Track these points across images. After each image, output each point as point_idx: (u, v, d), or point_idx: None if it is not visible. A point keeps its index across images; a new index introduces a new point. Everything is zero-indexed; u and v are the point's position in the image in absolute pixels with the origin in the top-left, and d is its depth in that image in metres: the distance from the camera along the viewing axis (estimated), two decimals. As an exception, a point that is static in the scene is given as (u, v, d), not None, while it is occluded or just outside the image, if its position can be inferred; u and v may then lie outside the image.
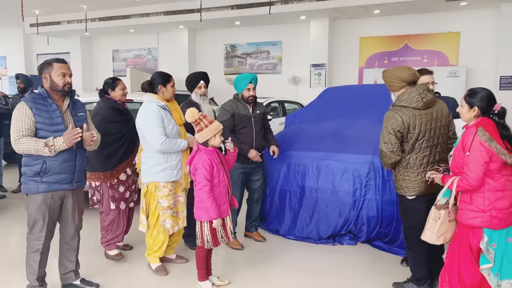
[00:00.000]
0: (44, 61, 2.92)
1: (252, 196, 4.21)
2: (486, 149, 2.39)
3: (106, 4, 12.27)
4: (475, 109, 2.52)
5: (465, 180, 2.45)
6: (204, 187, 2.94)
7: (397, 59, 11.92)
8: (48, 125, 2.80)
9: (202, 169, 2.95)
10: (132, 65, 15.05)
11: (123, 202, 3.79)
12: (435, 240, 2.65)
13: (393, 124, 2.85)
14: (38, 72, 2.91)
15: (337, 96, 5.46)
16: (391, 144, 2.86)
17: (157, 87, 3.45)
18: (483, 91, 2.54)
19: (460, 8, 10.72)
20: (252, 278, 3.48)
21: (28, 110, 2.74)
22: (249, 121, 3.96)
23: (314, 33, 12.13)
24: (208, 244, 3.06)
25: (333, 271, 3.59)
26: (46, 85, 2.85)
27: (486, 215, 2.44)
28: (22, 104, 2.77)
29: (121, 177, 3.75)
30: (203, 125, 3.00)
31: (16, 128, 2.72)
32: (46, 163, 2.79)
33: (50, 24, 14.16)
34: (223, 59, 14.11)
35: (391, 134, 2.86)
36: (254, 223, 4.29)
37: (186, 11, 12.23)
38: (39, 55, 17.15)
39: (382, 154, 2.97)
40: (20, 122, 2.72)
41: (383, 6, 10.59)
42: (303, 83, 12.56)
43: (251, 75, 3.98)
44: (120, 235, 3.86)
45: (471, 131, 2.48)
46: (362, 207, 3.98)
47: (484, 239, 2.44)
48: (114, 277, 3.49)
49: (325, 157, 4.20)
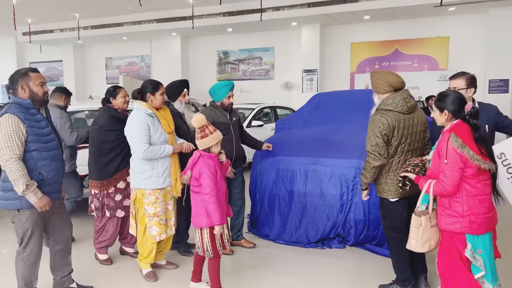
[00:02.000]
0: (17, 72, 2.80)
1: (235, 203, 4.18)
2: (459, 155, 2.36)
3: (98, 12, 12.33)
4: (446, 113, 2.50)
5: (441, 185, 2.43)
6: (212, 191, 2.93)
7: (388, 63, 12.05)
8: (40, 136, 2.77)
9: (209, 173, 2.94)
10: (125, 73, 15.10)
11: (121, 210, 3.76)
12: (420, 248, 2.61)
13: (380, 128, 2.90)
14: (11, 82, 2.76)
15: (325, 102, 5.54)
16: (379, 146, 2.91)
17: (146, 95, 3.49)
18: (452, 94, 2.52)
19: (448, 13, 10.88)
20: (243, 282, 3.51)
21: (20, 123, 2.66)
22: (229, 129, 3.97)
23: (305, 39, 12.25)
24: (208, 253, 3.04)
25: (322, 275, 3.62)
26: (25, 95, 2.75)
27: (465, 220, 2.40)
28: (11, 117, 2.64)
29: (119, 185, 3.74)
30: (208, 132, 3.02)
31: (9, 145, 2.61)
32: (43, 174, 2.77)
33: (43, 32, 14.21)
34: (216, 66, 14.19)
35: (379, 137, 2.91)
36: (239, 232, 4.28)
37: (178, 19, 12.32)
38: (32, 63, 17.15)
39: (369, 158, 2.97)
40: (12, 138, 2.62)
41: (373, 12, 10.72)
42: (295, 89, 12.66)
43: (230, 83, 4.01)
44: (109, 240, 3.85)
45: (445, 137, 2.46)
46: (349, 211, 4.03)
47: (468, 247, 2.41)
48: (108, 282, 3.50)
49: (313, 162, 4.25)
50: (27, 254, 2.86)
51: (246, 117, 8.59)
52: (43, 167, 2.77)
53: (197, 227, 3.07)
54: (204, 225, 3.01)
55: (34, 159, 2.74)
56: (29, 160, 2.73)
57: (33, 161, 2.74)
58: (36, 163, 2.75)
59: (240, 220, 4.26)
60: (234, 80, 13.44)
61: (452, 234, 2.48)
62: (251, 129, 7.66)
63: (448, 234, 2.51)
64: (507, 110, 10.11)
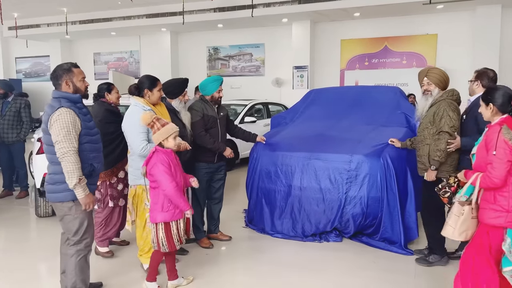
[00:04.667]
0: (60, 67, 2.86)
1: (215, 195, 4.23)
2: (510, 147, 2.35)
3: (87, 6, 12.16)
4: (491, 106, 2.54)
5: (488, 178, 2.42)
6: (171, 183, 2.97)
7: (377, 60, 12.18)
8: (89, 129, 2.88)
9: (161, 167, 2.98)
10: (114, 68, 14.95)
11: (122, 199, 3.93)
12: (457, 236, 2.63)
13: (456, 111, 3.37)
14: (55, 78, 2.83)
15: (320, 98, 5.60)
16: (455, 127, 3.34)
17: (143, 91, 3.48)
18: (499, 89, 2.56)
19: (437, 11, 11.03)
20: (240, 275, 3.55)
21: (76, 117, 2.76)
22: (216, 123, 4.04)
23: (296, 35, 12.29)
24: (163, 248, 3.10)
25: (320, 267, 3.68)
26: (69, 90, 2.82)
27: (510, 215, 2.37)
28: (69, 111, 2.72)
29: (120, 175, 3.89)
30: (156, 128, 3.06)
31: (68, 138, 2.68)
32: (94, 165, 2.89)
33: (29, 27, 13.96)
34: (206, 62, 14.15)
35: (456, 120, 3.34)
36: (217, 223, 4.33)
37: (168, 14, 12.22)
38: (17, 58, 16.87)
39: (446, 138, 3.30)
40: (71, 131, 2.70)
41: (363, 9, 10.82)
42: (286, 85, 12.70)
43: (220, 78, 4.10)
44: (112, 231, 3.96)
45: (494, 129, 2.45)
46: (345, 204, 4.10)
47: (507, 241, 2.37)
48: (109, 276, 3.50)
49: (309, 156, 4.31)
50: (84, 246, 2.91)
51: (238, 113, 8.60)
52: (94, 158, 2.91)
53: (152, 222, 3.10)
54: (158, 220, 3.06)
55: (86, 151, 2.85)
56: (82, 151, 2.82)
57: (86, 153, 2.84)
58: (88, 155, 2.87)
59: (216, 211, 4.29)
60: (225, 76, 13.40)
61: (489, 229, 2.47)
62: (244, 125, 7.66)
63: (485, 228, 2.51)
64: (493, 107, 10.31)
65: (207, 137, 3.94)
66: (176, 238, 3.11)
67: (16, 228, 4.89)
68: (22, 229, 4.90)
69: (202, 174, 3.99)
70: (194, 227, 4.10)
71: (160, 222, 3.06)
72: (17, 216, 5.39)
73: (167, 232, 3.07)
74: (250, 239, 4.43)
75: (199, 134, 3.91)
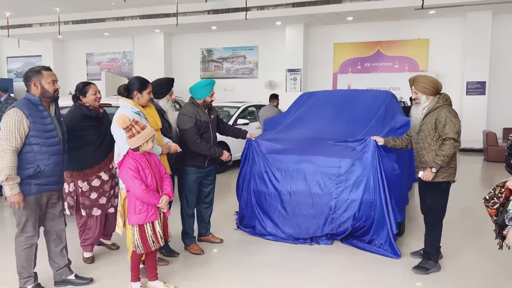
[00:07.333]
0: (31, 69, 2.99)
1: (205, 199, 4.20)
2: None
3: (80, 7, 12.12)
4: None
5: None
6: (141, 186, 2.96)
7: (369, 64, 12.27)
8: (42, 132, 2.92)
9: (129, 171, 2.97)
10: (107, 69, 14.89)
11: (97, 208, 3.71)
12: None
13: (457, 117, 3.45)
14: (25, 79, 2.96)
15: (313, 101, 5.62)
16: (459, 133, 3.41)
17: (132, 93, 3.42)
18: None
19: (429, 16, 11.16)
20: (231, 277, 3.55)
21: (24, 118, 2.83)
22: (208, 127, 3.96)
23: (289, 38, 12.35)
24: (139, 249, 3.09)
25: (310, 269, 3.69)
26: (36, 92, 2.95)
27: None
28: (16, 111, 2.83)
29: (94, 183, 3.67)
30: (135, 131, 2.99)
31: (8, 136, 2.78)
32: (40, 166, 2.93)
33: (22, 26, 13.86)
34: (199, 63, 14.15)
35: (459, 126, 3.43)
36: (207, 226, 4.33)
37: (162, 15, 12.22)
38: (9, 57, 16.73)
39: (451, 144, 3.37)
40: (13, 131, 2.80)
41: (356, 13, 10.90)
42: (279, 88, 12.74)
43: (213, 81, 4.02)
44: (93, 237, 3.80)
45: None
46: (335, 209, 4.11)
47: None
48: (101, 278, 3.49)
49: (300, 160, 4.32)
50: (23, 238, 3.04)
51: (231, 115, 8.61)
52: (41, 160, 2.94)
53: (130, 224, 3.11)
54: (132, 223, 3.06)
55: (33, 152, 2.92)
56: (29, 152, 2.91)
57: (33, 154, 2.92)
58: (35, 156, 2.93)
59: (207, 215, 4.28)
60: (218, 78, 13.45)
61: None
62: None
63: None
64: (483, 112, 10.45)
65: (203, 143, 3.84)
66: (151, 240, 3.09)
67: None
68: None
69: (193, 180, 3.95)
70: (184, 233, 4.08)
71: (134, 225, 3.07)
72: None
73: (142, 234, 3.07)
74: (241, 242, 4.43)
75: (194, 141, 3.81)
